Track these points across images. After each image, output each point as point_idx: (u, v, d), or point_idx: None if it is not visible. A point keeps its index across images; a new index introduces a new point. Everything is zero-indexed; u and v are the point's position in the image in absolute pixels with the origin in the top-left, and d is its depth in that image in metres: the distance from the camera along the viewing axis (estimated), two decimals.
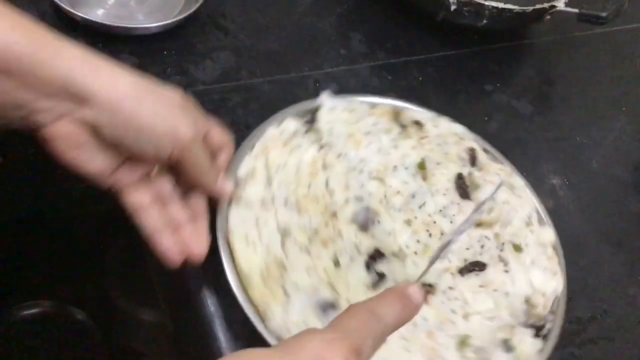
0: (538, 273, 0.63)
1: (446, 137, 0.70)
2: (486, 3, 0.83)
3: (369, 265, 0.58)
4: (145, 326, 1.10)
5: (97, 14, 0.79)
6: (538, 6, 0.86)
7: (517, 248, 0.64)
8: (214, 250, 0.57)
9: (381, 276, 0.58)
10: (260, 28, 0.85)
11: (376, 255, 0.59)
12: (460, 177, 0.66)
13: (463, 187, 0.66)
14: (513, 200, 0.67)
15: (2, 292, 0.94)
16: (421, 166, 0.66)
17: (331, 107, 0.68)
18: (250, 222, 0.58)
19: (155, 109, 0.49)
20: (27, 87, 0.45)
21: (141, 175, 0.54)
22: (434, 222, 0.62)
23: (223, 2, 0.85)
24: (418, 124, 0.70)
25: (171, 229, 0.54)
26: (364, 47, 0.88)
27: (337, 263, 0.57)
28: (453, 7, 0.84)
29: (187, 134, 0.50)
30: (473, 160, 0.69)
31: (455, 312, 0.58)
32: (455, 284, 0.60)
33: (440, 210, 0.63)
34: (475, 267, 0.61)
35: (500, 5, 0.84)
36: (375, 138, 0.67)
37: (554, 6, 0.87)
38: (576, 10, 0.87)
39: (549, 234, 0.67)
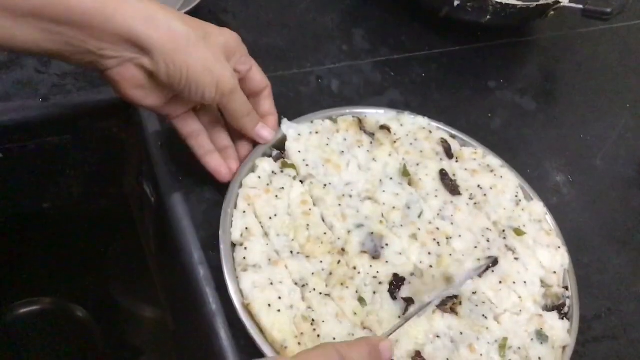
0: (543, 252, 0.65)
1: (415, 133, 0.69)
2: None
3: (393, 294, 0.58)
4: (145, 323, 1.10)
5: None
6: (542, 2, 0.86)
7: (518, 232, 0.65)
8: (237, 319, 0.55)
9: (409, 301, 0.57)
10: (262, 24, 0.84)
11: (396, 281, 0.58)
12: (443, 174, 0.66)
13: (450, 183, 0.66)
14: (497, 182, 0.68)
15: (3, 289, 0.94)
16: (405, 173, 0.66)
17: (296, 135, 0.66)
18: (265, 285, 0.55)
19: (204, 60, 0.55)
20: (95, 38, 0.52)
21: (190, 108, 0.62)
22: (437, 229, 0.62)
23: None
24: (384, 127, 0.69)
25: (218, 151, 0.63)
26: (366, 44, 0.87)
27: (362, 300, 0.57)
28: (456, 3, 0.84)
29: (227, 85, 0.58)
30: (448, 152, 0.69)
31: (486, 317, 0.59)
32: (476, 287, 0.60)
33: (438, 214, 0.64)
34: (489, 263, 0.61)
35: (504, 1, 0.83)
36: (351, 155, 0.66)
37: (558, 2, 0.86)
38: (580, 6, 0.86)
39: (539, 208, 0.69)
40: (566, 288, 0.64)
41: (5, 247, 0.87)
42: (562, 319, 0.62)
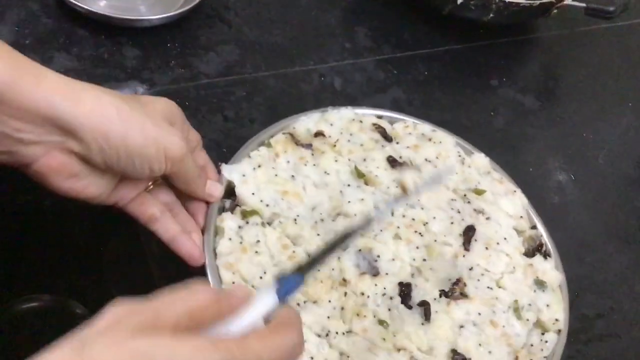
0: (504, 201, 0.66)
1: (348, 128, 0.68)
2: None
3: (407, 304, 0.57)
4: None
5: (100, 6, 0.78)
6: (545, 0, 0.85)
7: (478, 191, 0.66)
8: None
9: (424, 304, 0.57)
10: (265, 21, 0.84)
11: (404, 290, 0.58)
12: (391, 160, 0.66)
13: (401, 168, 0.66)
14: (439, 149, 0.68)
15: (2, 286, 0.93)
16: (359, 174, 0.64)
17: (241, 177, 0.61)
18: None
19: (144, 129, 0.48)
20: (9, 116, 0.44)
21: (141, 190, 0.55)
22: (413, 220, 0.62)
23: None
24: (318, 134, 0.66)
25: (186, 233, 0.56)
26: (369, 41, 0.87)
27: (383, 323, 0.56)
28: (459, 1, 0.83)
29: (178, 151, 0.51)
30: (385, 135, 0.68)
31: (491, 288, 0.60)
32: (470, 262, 0.61)
33: (407, 204, 0.63)
34: (469, 232, 0.62)
35: None
36: (302, 177, 0.63)
37: (561, 0, 0.86)
38: (583, 5, 0.86)
39: (480, 159, 0.69)
40: (534, 227, 0.66)
41: (4, 244, 0.87)
42: (546, 258, 0.64)
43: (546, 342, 0.59)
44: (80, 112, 0.45)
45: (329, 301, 0.56)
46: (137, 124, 0.48)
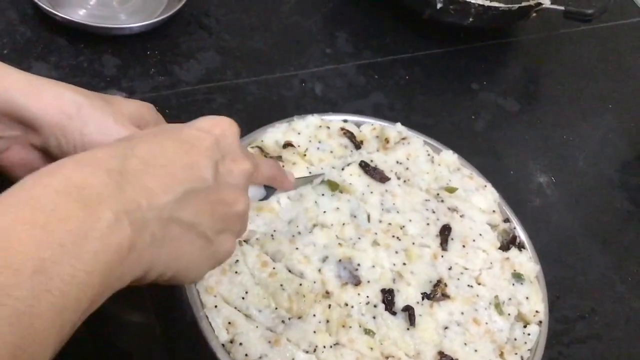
0: (477, 198, 0.67)
1: (316, 135, 0.67)
2: (472, 1, 0.82)
3: (391, 310, 0.57)
4: (133, 327, 1.09)
5: (79, 14, 0.77)
6: (524, 4, 0.86)
7: (450, 189, 0.67)
8: None
9: (408, 309, 0.57)
10: (245, 27, 0.84)
11: (387, 296, 0.58)
12: (364, 166, 0.66)
13: (374, 173, 0.65)
14: (409, 150, 0.68)
15: None
16: (332, 187, 0.63)
17: None
18: None
19: (102, 127, 0.47)
20: None
21: None
22: (390, 224, 0.62)
23: (207, 2, 0.85)
24: (287, 145, 0.66)
25: None
26: (349, 46, 0.87)
27: (369, 332, 0.56)
28: (439, 6, 0.84)
29: None
30: (353, 139, 0.68)
31: (471, 286, 0.61)
32: (449, 261, 0.61)
33: (382, 209, 0.63)
34: (445, 232, 0.63)
35: (487, 3, 0.83)
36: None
37: (539, 4, 0.86)
38: (562, 8, 0.87)
39: (450, 156, 0.70)
40: (507, 220, 0.67)
41: None
42: (521, 250, 0.65)
43: (529, 334, 0.59)
44: (38, 106, 0.46)
45: (314, 315, 0.56)
46: (97, 120, 0.47)
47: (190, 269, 0.41)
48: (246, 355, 0.53)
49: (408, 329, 0.57)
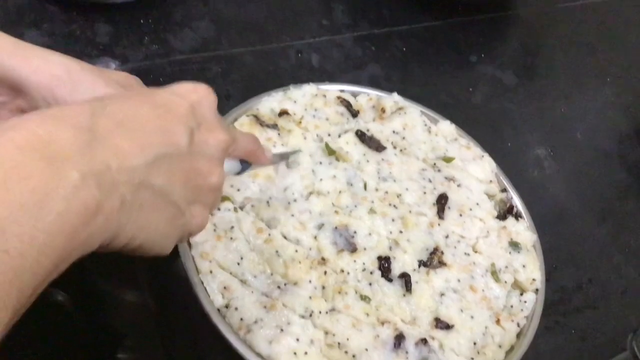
0: (473, 167, 0.67)
1: (312, 104, 0.67)
2: None
3: (388, 277, 0.57)
4: (127, 307, 1.08)
5: None
6: None
7: (447, 159, 0.66)
8: None
9: (404, 276, 0.57)
10: None
11: (383, 263, 0.57)
12: (360, 135, 0.65)
13: (371, 141, 0.65)
14: (405, 120, 0.68)
15: None
16: (329, 151, 0.63)
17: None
18: (277, 336, 0.52)
19: (94, 89, 0.47)
20: None
21: None
22: (386, 193, 0.62)
23: None
24: (282, 113, 0.65)
25: None
26: (346, 18, 0.86)
27: (365, 298, 0.56)
28: None
29: None
30: (350, 108, 0.68)
31: (468, 254, 0.60)
32: (446, 230, 0.61)
33: (379, 177, 0.63)
34: (442, 200, 0.62)
35: None
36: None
37: None
38: None
39: (446, 126, 0.69)
40: (505, 190, 0.66)
41: None
42: (518, 219, 0.64)
43: (525, 302, 0.59)
44: (27, 69, 0.45)
45: (310, 281, 0.55)
46: (87, 82, 0.46)
47: (157, 238, 0.40)
48: (241, 319, 0.52)
49: (404, 295, 0.56)
